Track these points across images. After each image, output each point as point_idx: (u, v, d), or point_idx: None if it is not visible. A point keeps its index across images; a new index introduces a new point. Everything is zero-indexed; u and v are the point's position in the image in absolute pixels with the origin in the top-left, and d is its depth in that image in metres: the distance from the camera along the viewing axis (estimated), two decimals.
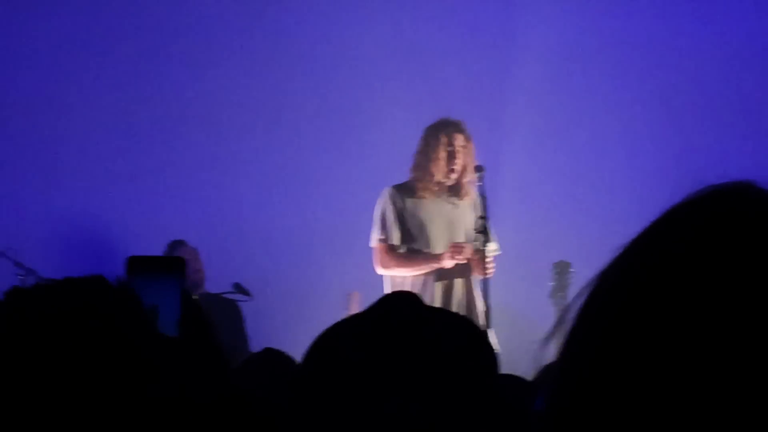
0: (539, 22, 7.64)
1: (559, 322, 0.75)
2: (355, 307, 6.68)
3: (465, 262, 5.67)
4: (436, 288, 5.73)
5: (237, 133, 7.70)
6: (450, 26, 7.76)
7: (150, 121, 7.64)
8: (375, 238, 5.88)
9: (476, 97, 7.44)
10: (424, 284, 5.74)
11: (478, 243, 5.68)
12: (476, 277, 5.78)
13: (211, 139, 7.70)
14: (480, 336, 1.60)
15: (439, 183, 5.76)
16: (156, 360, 1.50)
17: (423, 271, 5.75)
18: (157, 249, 6.46)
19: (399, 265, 5.80)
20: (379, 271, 5.88)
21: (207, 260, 6.65)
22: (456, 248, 5.65)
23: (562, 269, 6.25)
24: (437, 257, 5.70)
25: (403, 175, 5.94)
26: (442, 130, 5.75)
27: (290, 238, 7.70)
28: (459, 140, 5.73)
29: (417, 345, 1.51)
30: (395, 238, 5.80)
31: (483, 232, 5.65)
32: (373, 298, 1.61)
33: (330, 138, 7.75)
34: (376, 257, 5.87)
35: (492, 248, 5.73)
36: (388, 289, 5.79)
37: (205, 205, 7.62)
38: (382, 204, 5.86)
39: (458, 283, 5.74)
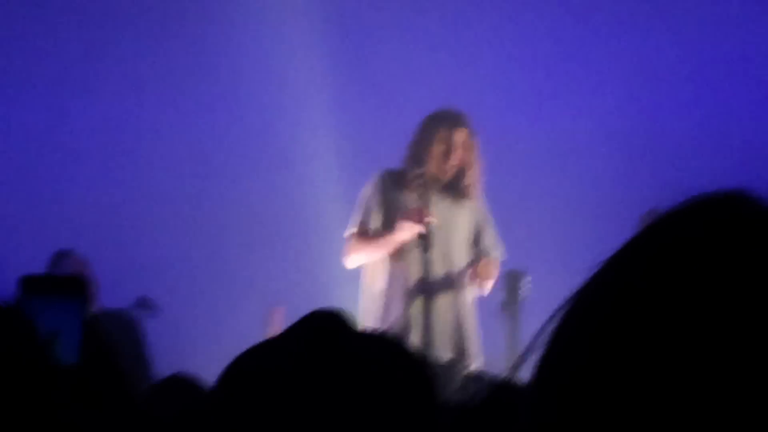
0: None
1: (530, 346, 0.79)
2: (278, 326, 6.71)
3: (424, 231, 5.64)
4: (415, 303, 5.76)
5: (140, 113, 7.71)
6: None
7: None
8: (351, 225, 5.88)
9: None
10: (402, 297, 5.76)
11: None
12: (471, 290, 5.83)
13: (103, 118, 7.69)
14: (417, 365, 1.64)
15: (435, 178, 5.80)
16: (53, 392, 1.54)
17: (385, 252, 5.75)
18: (37, 261, 6.36)
19: (361, 249, 5.83)
20: (347, 263, 5.92)
21: (99, 270, 6.60)
22: (413, 213, 5.67)
23: (515, 279, 6.16)
24: (393, 232, 5.71)
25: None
26: (442, 122, 5.80)
27: (202, 242, 7.71)
28: (461, 135, 5.78)
29: (345, 375, 1.56)
30: (374, 225, 5.84)
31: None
32: (300, 313, 1.65)
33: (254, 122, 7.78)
34: (347, 246, 5.88)
35: (494, 254, 5.87)
36: (364, 302, 5.90)
37: (95, 206, 7.57)
38: (370, 189, 5.88)
39: (445, 297, 5.78)
